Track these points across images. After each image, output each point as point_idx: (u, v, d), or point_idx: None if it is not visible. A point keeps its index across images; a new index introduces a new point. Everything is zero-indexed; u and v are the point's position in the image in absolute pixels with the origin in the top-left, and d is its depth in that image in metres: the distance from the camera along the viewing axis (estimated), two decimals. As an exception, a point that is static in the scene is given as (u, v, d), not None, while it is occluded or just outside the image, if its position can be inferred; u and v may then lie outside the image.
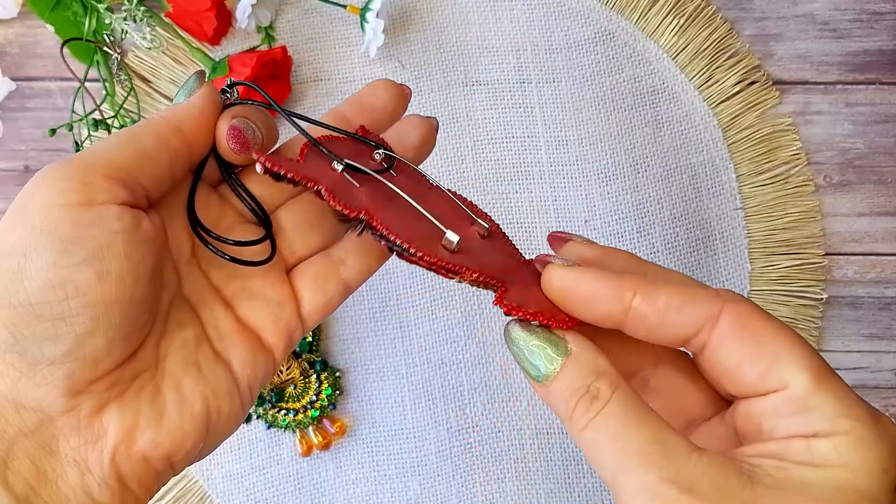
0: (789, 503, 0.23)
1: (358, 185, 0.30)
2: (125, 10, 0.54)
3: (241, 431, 0.55)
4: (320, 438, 0.54)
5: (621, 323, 0.27)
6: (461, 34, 0.57)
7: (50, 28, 0.57)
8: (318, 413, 0.54)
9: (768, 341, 0.25)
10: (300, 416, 0.54)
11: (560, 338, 0.27)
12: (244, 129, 0.30)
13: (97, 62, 0.56)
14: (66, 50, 0.56)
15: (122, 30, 0.55)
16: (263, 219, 0.32)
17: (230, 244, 0.30)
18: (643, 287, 0.26)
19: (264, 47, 0.56)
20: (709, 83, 0.57)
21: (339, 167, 0.30)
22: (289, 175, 0.28)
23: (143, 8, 0.53)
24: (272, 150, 0.32)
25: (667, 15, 0.57)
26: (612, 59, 0.57)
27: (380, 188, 0.30)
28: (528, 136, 0.56)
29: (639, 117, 0.56)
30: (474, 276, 0.28)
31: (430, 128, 0.34)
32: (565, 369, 0.26)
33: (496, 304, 0.28)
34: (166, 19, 0.56)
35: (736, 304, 0.26)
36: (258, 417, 0.54)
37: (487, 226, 0.31)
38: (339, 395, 0.55)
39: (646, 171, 0.56)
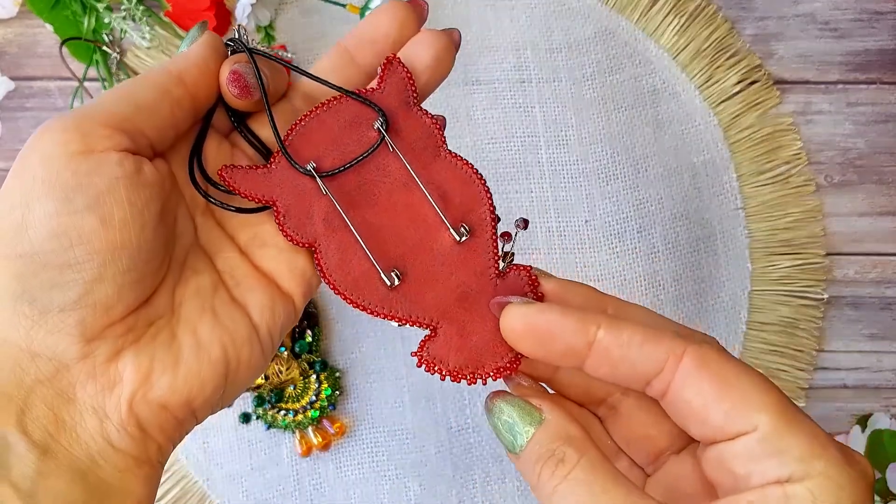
0: None
1: (325, 193, 0.30)
2: (124, 10, 0.54)
3: (241, 432, 0.55)
4: (320, 439, 0.54)
5: (583, 359, 0.26)
6: (461, 34, 0.57)
7: (49, 27, 0.57)
8: (317, 413, 0.54)
9: (734, 382, 0.24)
10: (300, 417, 0.54)
11: (535, 407, 0.27)
12: (245, 73, 0.29)
13: (96, 62, 0.56)
14: (65, 49, 0.55)
15: (122, 29, 0.54)
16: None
17: (221, 190, 0.30)
18: (607, 321, 0.26)
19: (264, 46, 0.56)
20: (709, 83, 0.57)
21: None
22: (243, 194, 0.29)
23: (142, 7, 0.53)
24: (281, 99, 0.32)
25: (667, 14, 0.57)
26: (612, 58, 0.57)
27: (356, 186, 0.30)
28: (529, 136, 0.56)
29: (639, 117, 0.56)
30: (402, 322, 0.29)
31: (447, 43, 0.31)
32: (535, 436, 0.26)
33: (413, 356, 0.28)
34: (165, 18, 0.55)
35: (699, 345, 0.25)
36: (258, 418, 0.54)
37: (458, 238, 0.30)
38: (339, 395, 0.55)
39: (646, 170, 0.56)
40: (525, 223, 0.29)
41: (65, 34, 0.56)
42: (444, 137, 0.31)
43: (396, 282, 0.29)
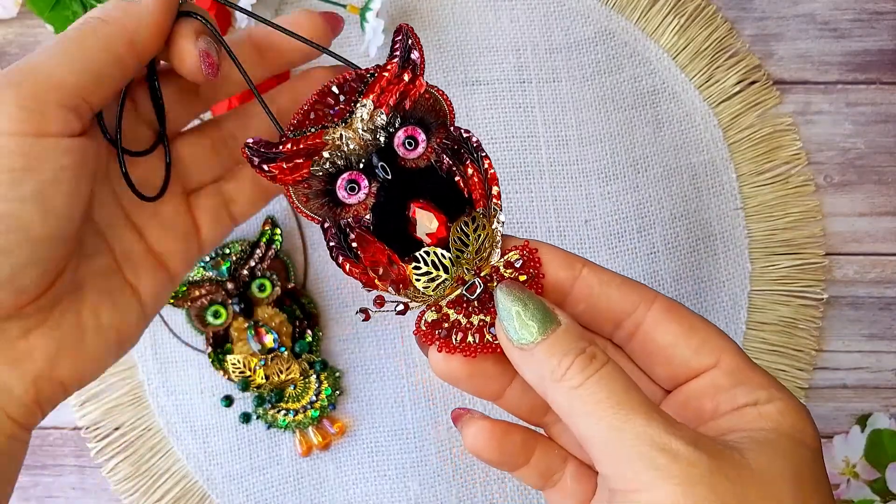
0: (774, 462, 0.25)
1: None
2: (125, 10, 0.53)
3: (241, 432, 0.55)
4: (320, 439, 0.54)
5: (566, 292, 0.29)
6: (461, 34, 0.57)
7: (49, 28, 0.57)
8: (317, 413, 0.54)
9: (699, 325, 0.28)
10: (300, 417, 0.54)
11: (551, 308, 0.27)
12: (211, 50, 0.28)
13: (97, 62, 0.56)
14: (65, 49, 0.55)
15: (122, 29, 0.54)
16: (166, 161, 0.31)
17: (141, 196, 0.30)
18: (591, 263, 0.29)
19: (264, 47, 0.56)
20: (709, 83, 0.57)
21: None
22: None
23: (142, 7, 0.53)
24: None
25: (667, 14, 0.57)
26: (612, 58, 0.57)
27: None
28: (529, 136, 0.56)
29: (639, 117, 0.56)
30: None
31: (321, 26, 0.31)
32: (560, 333, 0.26)
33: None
34: (166, 19, 0.55)
35: (666, 297, 0.29)
36: (258, 418, 0.54)
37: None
38: (339, 395, 0.55)
39: (646, 170, 0.56)
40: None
41: (65, 34, 0.56)
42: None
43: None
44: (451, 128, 0.30)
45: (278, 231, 0.54)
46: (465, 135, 0.30)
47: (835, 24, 0.57)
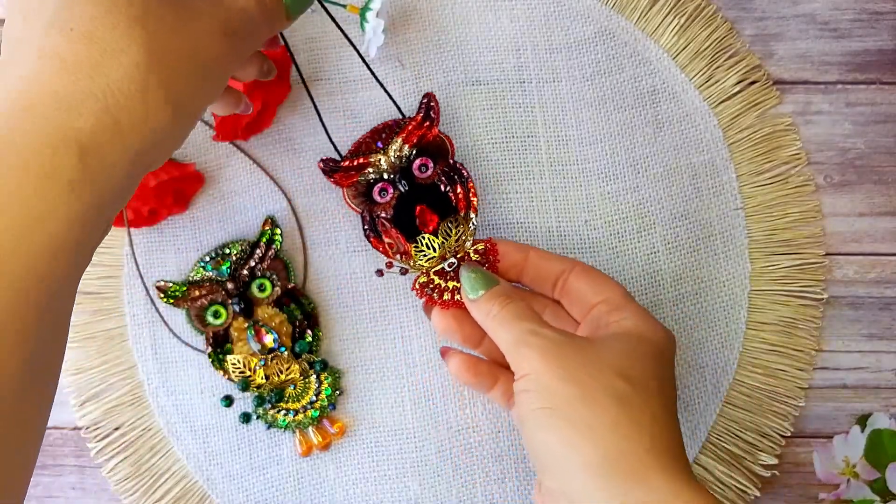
0: (612, 342, 0.40)
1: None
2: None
3: (241, 432, 0.55)
4: (320, 439, 0.54)
5: (523, 266, 0.45)
6: (461, 34, 0.57)
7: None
8: (317, 413, 0.54)
9: (599, 277, 0.44)
10: (300, 417, 0.54)
11: (493, 277, 0.44)
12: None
13: (97, 62, 0.56)
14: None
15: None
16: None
17: None
18: (536, 248, 0.46)
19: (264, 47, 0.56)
20: (709, 83, 0.57)
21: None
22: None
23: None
24: None
25: (667, 14, 0.57)
26: (612, 58, 0.57)
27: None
28: (529, 136, 0.56)
29: (639, 117, 0.56)
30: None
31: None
32: (495, 289, 0.43)
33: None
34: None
35: (583, 263, 0.45)
36: (258, 418, 0.54)
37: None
38: (339, 395, 0.55)
39: (646, 170, 0.56)
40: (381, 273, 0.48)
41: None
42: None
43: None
44: (451, 161, 0.45)
45: (278, 231, 0.54)
46: (458, 166, 0.45)
47: (835, 24, 0.57)
